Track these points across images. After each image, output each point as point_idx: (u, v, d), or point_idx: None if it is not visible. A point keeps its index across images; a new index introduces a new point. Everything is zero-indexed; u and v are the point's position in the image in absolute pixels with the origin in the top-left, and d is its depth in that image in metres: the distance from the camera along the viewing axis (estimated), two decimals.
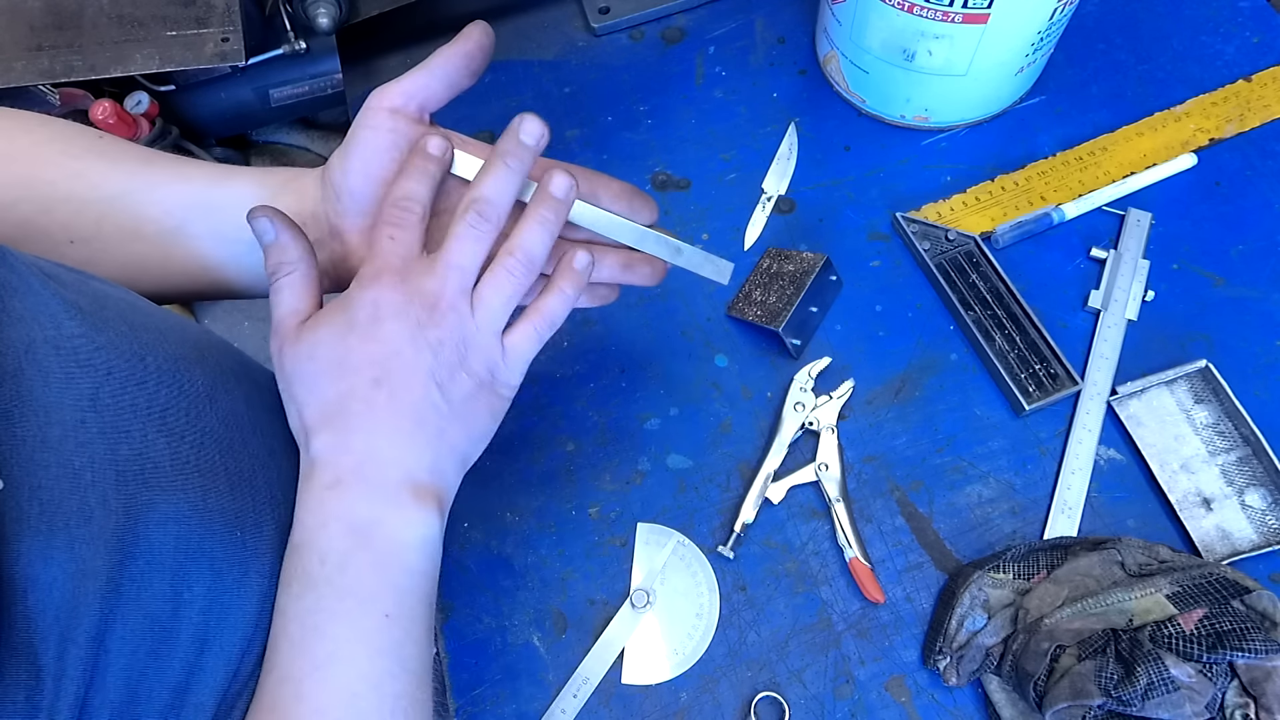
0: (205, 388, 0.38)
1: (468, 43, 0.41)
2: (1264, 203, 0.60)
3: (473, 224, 0.38)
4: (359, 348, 0.37)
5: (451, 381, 0.38)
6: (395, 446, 0.37)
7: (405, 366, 0.37)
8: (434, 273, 0.38)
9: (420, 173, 0.40)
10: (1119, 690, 0.42)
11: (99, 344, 0.34)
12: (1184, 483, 0.52)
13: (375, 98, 0.40)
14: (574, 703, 0.50)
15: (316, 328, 0.38)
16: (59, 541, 0.30)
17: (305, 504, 0.37)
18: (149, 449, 0.34)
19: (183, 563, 0.33)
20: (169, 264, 0.43)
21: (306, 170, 0.43)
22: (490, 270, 0.39)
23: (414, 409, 0.37)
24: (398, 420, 0.37)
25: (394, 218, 0.39)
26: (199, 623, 0.34)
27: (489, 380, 0.39)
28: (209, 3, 0.88)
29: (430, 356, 0.37)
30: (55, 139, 0.43)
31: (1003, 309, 0.57)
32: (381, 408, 0.37)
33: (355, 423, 0.37)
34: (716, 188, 0.64)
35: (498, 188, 0.39)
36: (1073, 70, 0.66)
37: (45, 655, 0.29)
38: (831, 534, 0.53)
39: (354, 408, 0.37)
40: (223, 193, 0.43)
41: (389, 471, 0.37)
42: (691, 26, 0.71)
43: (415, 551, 0.37)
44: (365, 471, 0.36)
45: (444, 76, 0.41)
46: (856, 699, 0.49)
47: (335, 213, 0.41)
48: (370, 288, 0.38)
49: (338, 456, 0.37)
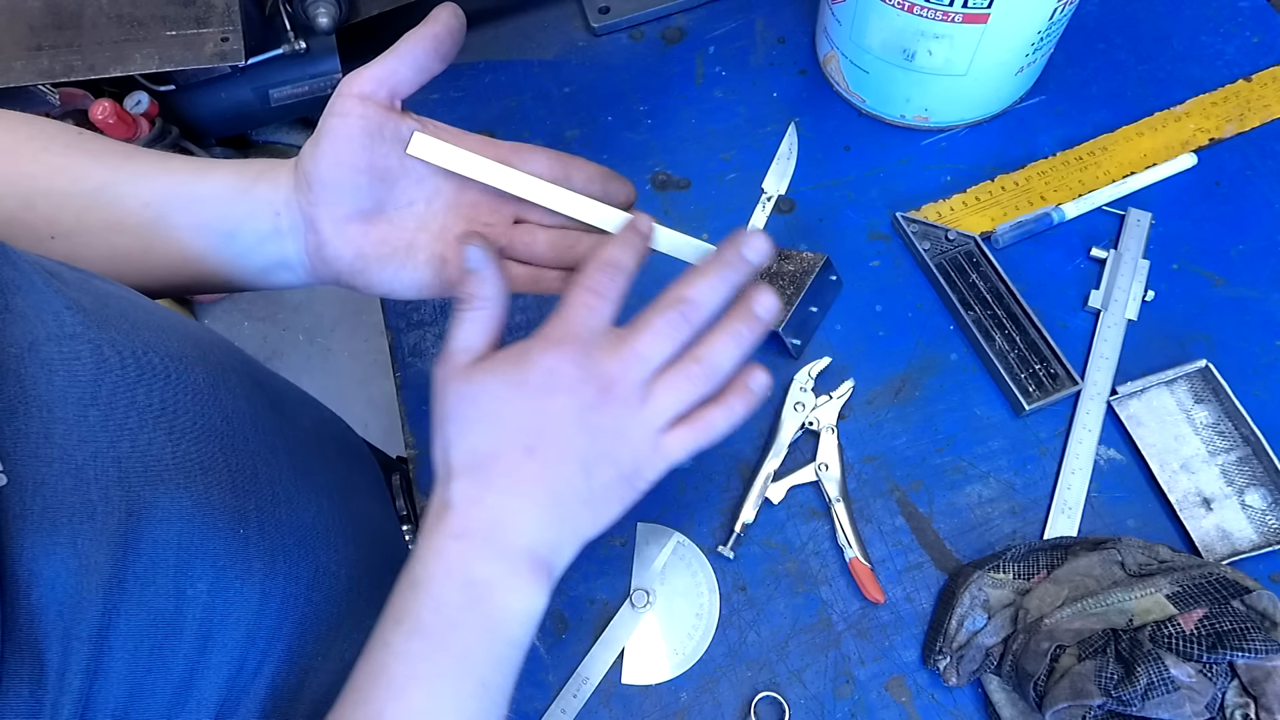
0: (207, 385, 0.38)
1: (435, 26, 0.40)
2: (1264, 203, 0.60)
3: (673, 321, 0.37)
4: (523, 410, 0.37)
5: (598, 468, 0.37)
6: (527, 517, 0.37)
7: (561, 443, 0.37)
8: (619, 357, 0.37)
9: (631, 246, 0.39)
10: (1119, 690, 0.42)
11: (101, 341, 0.34)
12: (1184, 483, 0.52)
13: (345, 84, 0.39)
14: (574, 703, 0.50)
15: (488, 373, 0.37)
16: (62, 538, 0.30)
17: (429, 545, 0.37)
18: (151, 446, 0.34)
19: (185, 560, 0.33)
20: (150, 257, 0.43)
21: (282, 161, 0.43)
22: (673, 370, 0.38)
23: (555, 486, 0.37)
24: (538, 493, 0.37)
25: (597, 284, 0.38)
26: (201, 620, 0.34)
27: (631, 474, 0.38)
28: (209, 3, 0.88)
29: (587, 440, 0.37)
30: (36, 135, 0.43)
31: (1003, 309, 0.57)
32: (526, 476, 0.36)
33: (498, 483, 0.36)
34: (716, 188, 0.64)
35: (709, 296, 0.38)
36: (1073, 70, 0.66)
37: (49, 651, 0.29)
38: (831, 534, 0.53)
39: (500, 468, 0.36)
40: (202, 185, 0.42)
41: (515, 539, 0.36)
42: (691, 26, 0.71)
43: (520, 624, 0.37)
44: (493, 532, 0.36)
45: (413, 62, 0.40)
46: (856, 699, 0.49)
47: (308, 202, 0.41)
48: (553, 354, 0.37)
49: (471, 509, 0.36)
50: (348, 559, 0.47)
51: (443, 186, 0.43)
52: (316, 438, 0.49)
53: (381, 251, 0.42)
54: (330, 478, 0.47)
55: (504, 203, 0.44)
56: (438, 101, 0.69)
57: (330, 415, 0.59)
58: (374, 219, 0.42)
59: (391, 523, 0.61)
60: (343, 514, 0.47)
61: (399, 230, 0.42)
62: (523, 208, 0.44)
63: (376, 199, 0.41)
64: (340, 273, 0.43)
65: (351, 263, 0.42)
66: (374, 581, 0.51)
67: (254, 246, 0.43)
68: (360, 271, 0.42)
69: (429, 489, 0.56)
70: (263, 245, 0.42)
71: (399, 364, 0.60)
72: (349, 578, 0.47)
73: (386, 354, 0.62)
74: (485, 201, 0.43)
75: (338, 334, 1.72)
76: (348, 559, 0.47)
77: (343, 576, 0.46)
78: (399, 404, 0.59)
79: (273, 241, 0.42)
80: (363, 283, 0.43)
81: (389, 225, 0.42)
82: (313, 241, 0.42)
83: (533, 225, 0.44)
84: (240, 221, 0.42)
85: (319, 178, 0.40)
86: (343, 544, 0.47)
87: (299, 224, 0.42)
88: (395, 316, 0.62)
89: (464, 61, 0.71)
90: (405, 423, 0.59)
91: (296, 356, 1.72)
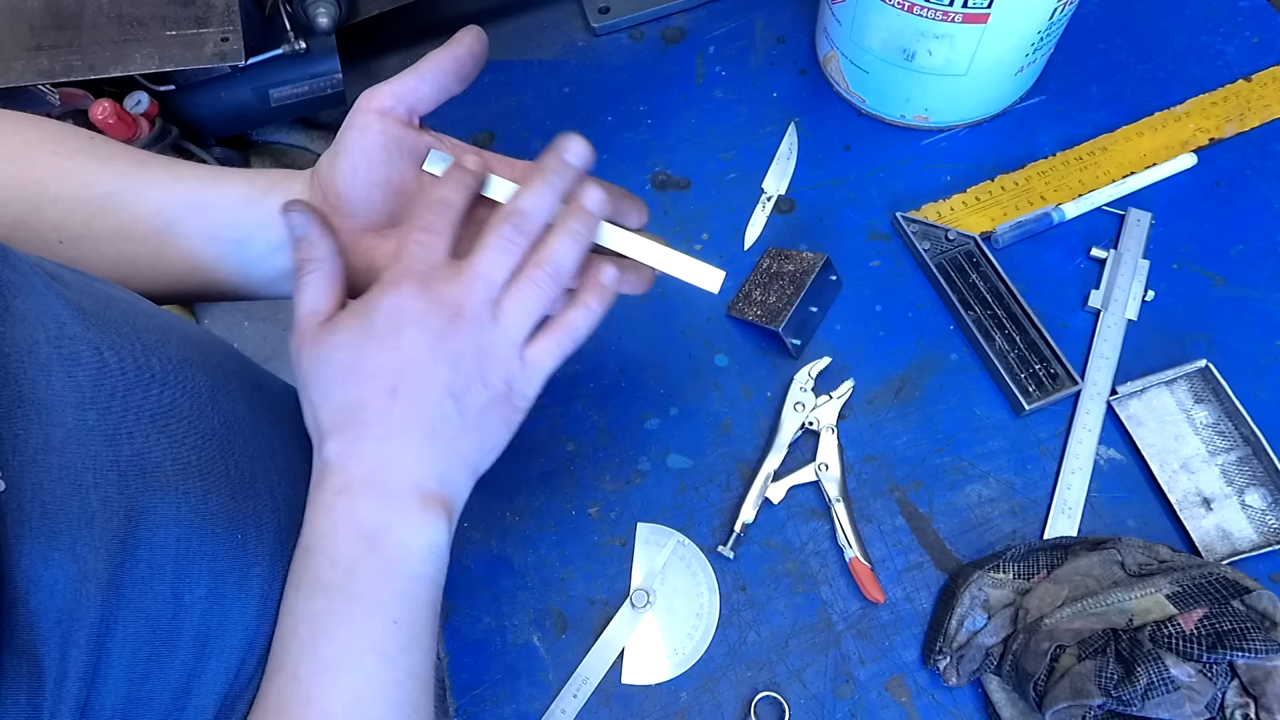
0: (207, 389, 0.38)
1: (459, 48, 0.41)
2: (1264, 203, 0.60)
3: (506, 235, 0.38)
4: (376, 355, 0.37)
5: (467, 393, 0.38)
6: (406, 456, 0.37)
7: (421, 377, 0.37)
8: (459, 281, 0.38)
9: (458, 182, 0.40)
10: (1119, 690, 0.42)
11: (102, 345, 0.34)
12: (1184, 483, 0.52)
13: (365, 99, 0.40)
14: (574, 703, 0.50)
15: (335, 330, 0.38)
16: (61, 543, 0.30)
17: (316, 506, 0.37)
18: (150, 450, 0.34)
19: (183, 565, 0.33)
20: (159, 263, 0.43)
21: (296, 172, 0.43)
22: (516, 281, 0.38)
23: (427, 420, 0.37)
24: (410, 430, 0.37)
25: (426, 222, 0.39)
26: (199, 625, 0.34)
27: (505, 392, 0.39)
28: (209, 3, 0.88)
29: (447, 368, 0.37)
30: (47, 139, 0.43)
31: (1003, 309, 0.57)
32: (395, 417, 0.37)
33: (368, 430, 0.37)
34: (716, 188, 0.64)
35: (537, 203, 0.39)
36: (1073, 70, 0.66)
37: (47, 658, 0.29)
38: (831, 534, 0.53)
39: (368, 416, 0.37)
40: (213, 193, 0.43)
41: (398, 480, 0.37)
42: (691, 26, 0.71)
43: (423, 559, 0.37)
44: (375, 479, 0.37)
45: (434, 81, 0.40)
46: (856, 699, 0.49)
47: (327, 213, 0.41)
48: (391, 293, 0.37)
49: (349, 463, 0.37)
50: None
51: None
52: None
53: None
54: None
55: None
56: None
57: None
58: (388, 232, 0.42)
59: None
60: None
61: None
62: None
63: (390, 212, 0.42)
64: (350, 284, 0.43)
65: (364, 274, 0.42)
66: None
67: (264, 255, 0.43)
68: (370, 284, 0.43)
69: None
70: (274, 255, 0.43)
71: None
72: None
73: None
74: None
75: None
76: None
77: None
78: None
79: (284, 251, 0.42)
80: None
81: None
82: None
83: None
84: (251, 231, 0.42)
85: (339, 191, 0.40)
86: None
87: None
88: None
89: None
90: None
91: None
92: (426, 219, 0.39)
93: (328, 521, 0.36)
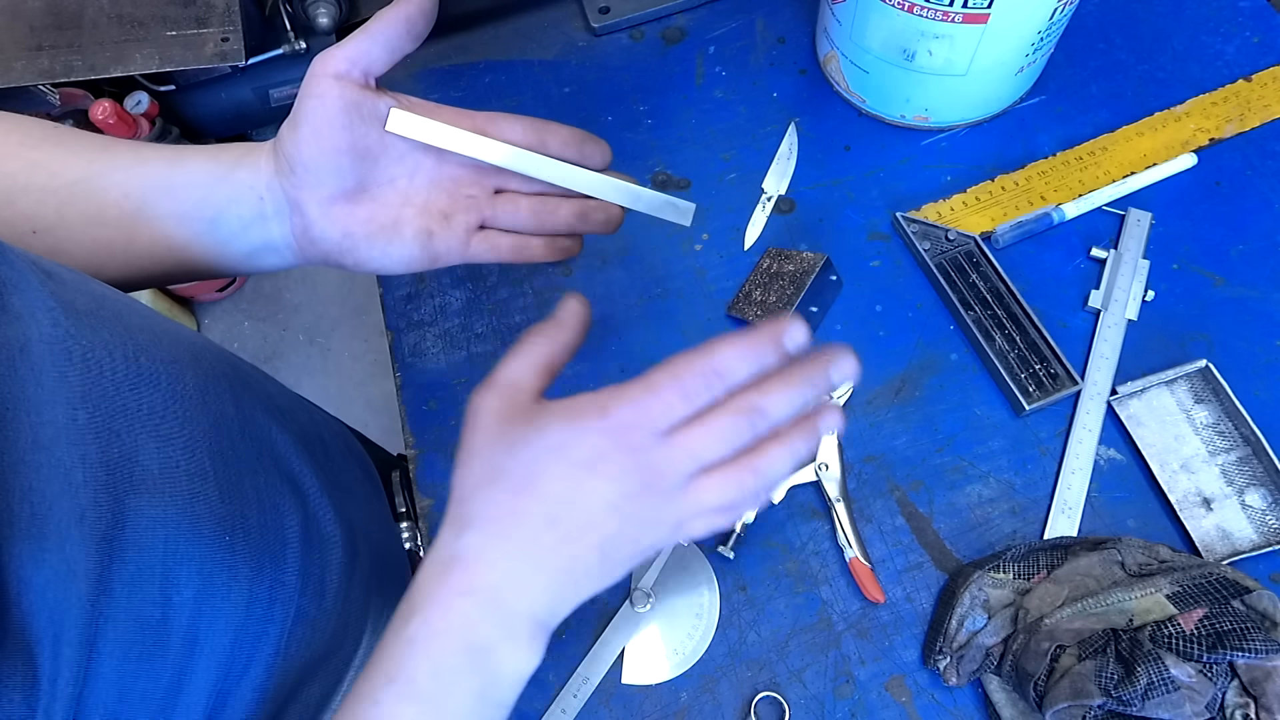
0: (197, 391, 0.38)
1: (408, 6, 0.40)
2: (1264, 203, 0.60)
3: (738, 428, 0.35)
4: (558, 480, 0.35)
5: (618, 551, 0.36)
6: (535, 584, 0.35)
7: (587, 525, 0.35)
8: (671, 451, 0.34)
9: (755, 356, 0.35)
10: (1119, 690, 0.42)
11: (93, 344, 0.34)
12: (1184, 483, 0.52)
13: (318, 65, 0.39)
14: (574, 703, 0.50)
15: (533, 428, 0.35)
16: (50, 544, 0.29)
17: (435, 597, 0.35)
18: (139, 451, 0.34)
19: (171, 567, 0.33)
20: (134, 248, 0.43)
21: (259, 145, 0.43)
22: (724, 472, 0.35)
23: (569, 560, 0.35)
24: (551, 564, 0.35)
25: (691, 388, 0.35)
26: (188, 625, 0.34)
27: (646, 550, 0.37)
28: (209, 3, 0.88)
29: (615, 526, 0.35)
30: (13, 131, 0.43)
31: (1003, 309, 0.57)
32: (543, 545, 0.35)
33: (512, 547, 0.35)
34: (716, 188, 0.64)
35: (783, 407, 0.35)
36: (1073, 70, 0.66)
37: (41, 657, 0.28)
38: (831, 534, 0.53)
39: (520, 531, 0.35)
40: (179, 173, 0.42)
41: (520, 604, 0.35)
42: (691, 26, 0.71)
43: (512, 687, 0.36)
44: (501, 595, 0.35)
45: (385, 41, 0.40)
46: (856, 699, 0.49)
47: (292, 185, 0.41)
48: (608, 437, 0.34)
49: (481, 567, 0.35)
50: (338, 562, 0.47)
51: (423, 161, 0.43)
52: (308, 441, 0.49)
53: (368, 229, 0.42)
54: (322, 481, 0.47)
55: (485, 174, 0.44)
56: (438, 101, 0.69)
57: (324, 417, 0.58)
58: (358, 197, 0.42)
59: (387, 524, 0.61)
60: (334, 518, 0.47)
61: (384, 207, 0.42)
62: (503, 178, 0.44)
63: (359, 178, 0.41)
64: (328, 253, 0.43)
65: (339, 242, 0.42)
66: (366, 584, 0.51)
67: (238, 232, 0.43)
68: (349, 250, 0.43)
69: (428, 487, 0.56)
70: (247, 230, 0.43)
71: (399, 364, 0.60)
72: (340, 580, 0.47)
73: (386, 354, 0.62)
74: (466, 174, 0.44)
75: (338, 334, 1.72)
76: (338, 562, 0.47)
77: (333, 579, 0.46)
78: (399, 404, 0.59)
79: (257, 226, 0.42)
80: (351, 261, 0.43)
81: (373, 203, 0.42)
82: (299, 224, 0.42)
83: (514, 194, 0.45)
84: (221, 207, 0.42)
85: (301, 161, 0.40)
86: (333, 547, 0.47)
87: (284, 207, 0.42)
88: (395, 317, 0.62)
89: (464, 61, 0.71)
90: (405, 423, 0.58)
91: (296, 357, 1.72)
92: (693, 384, 0.35)
93: (443, 622, 0.34)
